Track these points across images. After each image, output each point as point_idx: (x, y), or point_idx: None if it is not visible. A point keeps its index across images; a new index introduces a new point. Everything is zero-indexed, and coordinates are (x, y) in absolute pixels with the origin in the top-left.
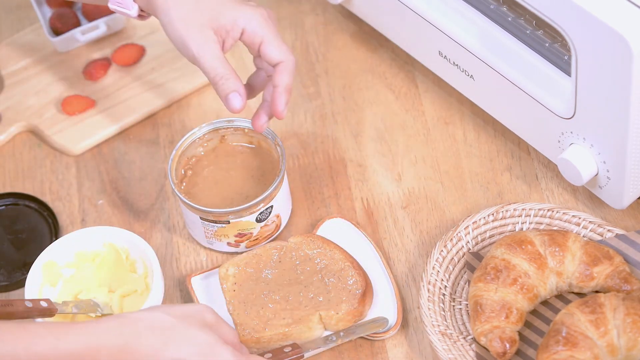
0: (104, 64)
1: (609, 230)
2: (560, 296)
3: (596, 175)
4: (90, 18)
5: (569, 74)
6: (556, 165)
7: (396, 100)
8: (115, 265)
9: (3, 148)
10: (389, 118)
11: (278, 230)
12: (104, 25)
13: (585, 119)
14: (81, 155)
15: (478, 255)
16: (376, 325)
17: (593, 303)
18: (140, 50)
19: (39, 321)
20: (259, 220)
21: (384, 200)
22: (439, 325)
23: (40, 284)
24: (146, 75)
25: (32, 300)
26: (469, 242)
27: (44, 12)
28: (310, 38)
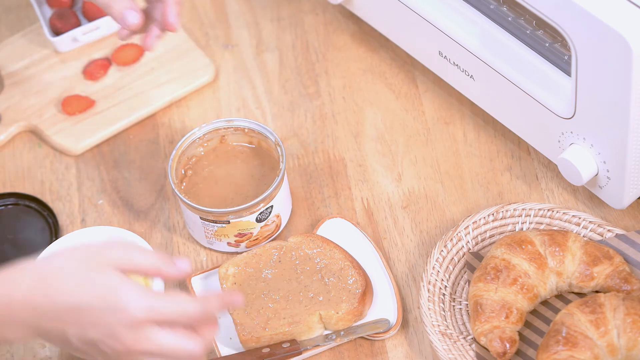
0: (104, 64)
1: (609, 230)
2: (560, 296)
3: (596, 175)
4: (90, 18)
5: (569, 74)
6: (556, 165)
7: (396, 100)
8: None
9: (3, 148)
10: (389, 118)
11: (278, 230)
12: (104, 25)
13: (585, 119)
14: (81, 155)
15: (478, 255)
16: (376, 325)
17: (593, 303)
18: (140, 50)
19: None
20: (259, 220)
21: (384, 200)
22: (439, 325)
23: None
24: (146, 75)
25: None
26: (469, 242)
27: (44, 12)
28: (310, 38)
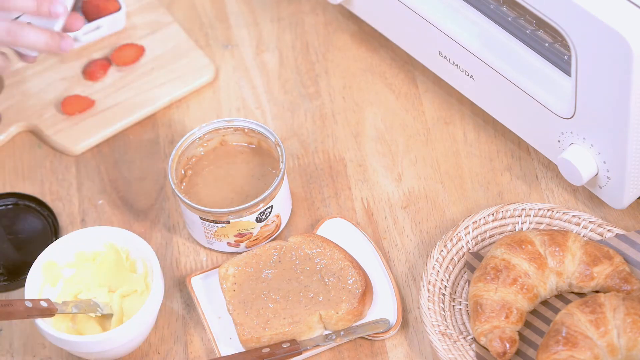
0: (104, 64)
1: (609, 230)
2: (560, 296)
3: (596, 175)
4: (90, 18)
5: (569, 74)
6: (556, 165)
7: (396, 100)
8: (115, 265)
9: (3, 148)
10: (389, 118)
11: (278, 230)
12: (104, 25)
13: (585, 119)
14: (81, 155)
15: (478, 255)
16: (376, 325)
17: (593, 303)
18: (140, 50)
19: None
20: (259, 220)
21: (384, 200)
22: (439, 325)
23: (40, 284)
24: (146, 75)
25: (32, 300)
26: (469, 242)
27: None
28: (310, 38)
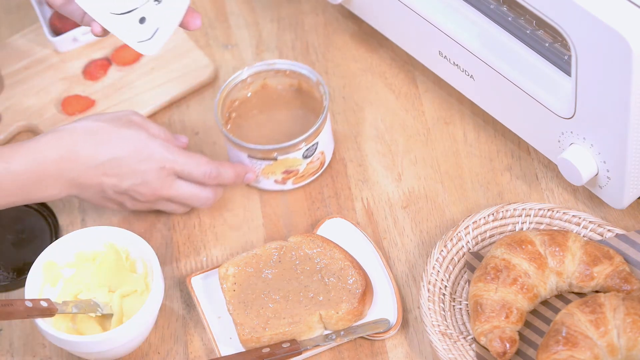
0: (104, 64)
1: (609, 230)
2: (560, 296)
3: (596, 175)
4: None
5: (569, 74)
6: (556, 165)
7: (396, 100)
8: (115, 265)
9: None
10: (389, 118)
11: (322, 167)
12: None
13: (585, 119)
14: None
15: (478, 255)
16: (376, 325)
17: (593, 303)
18: None
19: None
20: (305, 157)
21: (384, 200)
22: (439, 325)
23: (40, 284)
24: (146, 75)
25: (32, 300)
26: (469, 242)
27: (44, 12)
28: (310, 38)
